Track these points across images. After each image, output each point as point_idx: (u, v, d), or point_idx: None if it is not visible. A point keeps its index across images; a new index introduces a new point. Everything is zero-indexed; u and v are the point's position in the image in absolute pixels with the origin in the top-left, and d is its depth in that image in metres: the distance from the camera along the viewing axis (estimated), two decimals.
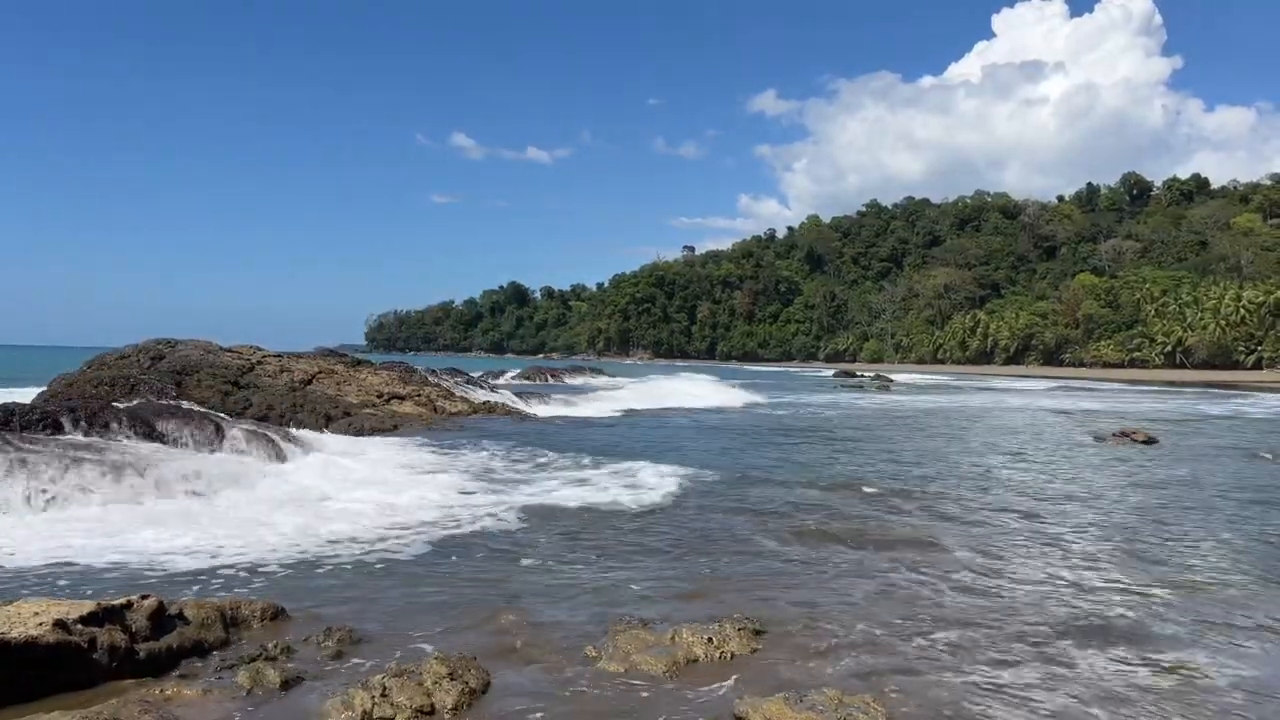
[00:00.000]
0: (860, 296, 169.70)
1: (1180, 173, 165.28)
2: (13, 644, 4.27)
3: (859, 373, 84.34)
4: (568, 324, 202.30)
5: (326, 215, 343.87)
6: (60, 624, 4.47)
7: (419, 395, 22.81)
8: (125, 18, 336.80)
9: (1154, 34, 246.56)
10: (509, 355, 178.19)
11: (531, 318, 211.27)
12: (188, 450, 11.69)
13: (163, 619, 5.00)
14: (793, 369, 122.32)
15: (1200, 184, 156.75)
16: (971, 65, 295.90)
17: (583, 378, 51.80)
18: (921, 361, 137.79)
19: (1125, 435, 19.40)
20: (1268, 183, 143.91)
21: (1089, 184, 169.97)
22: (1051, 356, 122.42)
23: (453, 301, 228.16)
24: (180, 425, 12.30)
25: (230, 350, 22.68)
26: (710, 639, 5.33)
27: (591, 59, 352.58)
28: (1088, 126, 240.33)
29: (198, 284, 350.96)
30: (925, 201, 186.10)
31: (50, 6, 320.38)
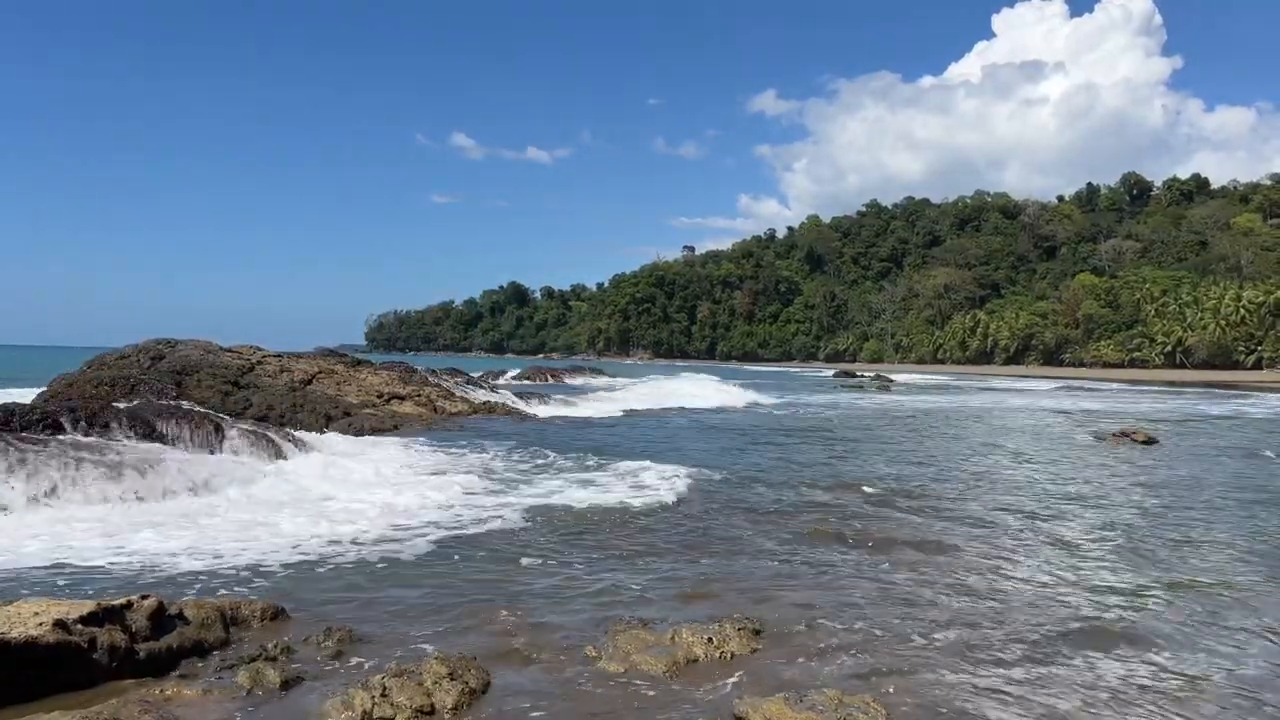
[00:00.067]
0: (860, 296, 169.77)
1: (1180, 173, 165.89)
2: (13, 644, 4.26)
3: (859, 373, 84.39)
4: (568, 324, 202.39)
5: (326, 215, 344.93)
6: (60, 624, 4.47)
7: (419, 395, 22.80)
8: (125, 18, 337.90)
9: (1154, 34, 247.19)
10: (509, 355, 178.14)
11: (531, 318, 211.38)
12: (188, 450, 11.69)
13: (163, 619, 5.00)
14: (793, 369, 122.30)
15: (1200, 184, 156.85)
16: (971, 65, 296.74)
17: (583, 378, 51.84)
18: (921, 361, 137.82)
19: (1125, 435, 19.40)
20: (1268, 183, 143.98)
21: (1089, 184, 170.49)
22: (1051, 357, 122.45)
23: (453, 301, 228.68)
24: (180, 425, 12.29)
25: (230, 350, 22.68)
26: (710, 639, 5.33)
27: (591, 59, 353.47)
28: (1088, 126, 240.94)
29: (198, 284, 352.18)
30: (925, 201, 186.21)
31: (50, 6, 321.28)
